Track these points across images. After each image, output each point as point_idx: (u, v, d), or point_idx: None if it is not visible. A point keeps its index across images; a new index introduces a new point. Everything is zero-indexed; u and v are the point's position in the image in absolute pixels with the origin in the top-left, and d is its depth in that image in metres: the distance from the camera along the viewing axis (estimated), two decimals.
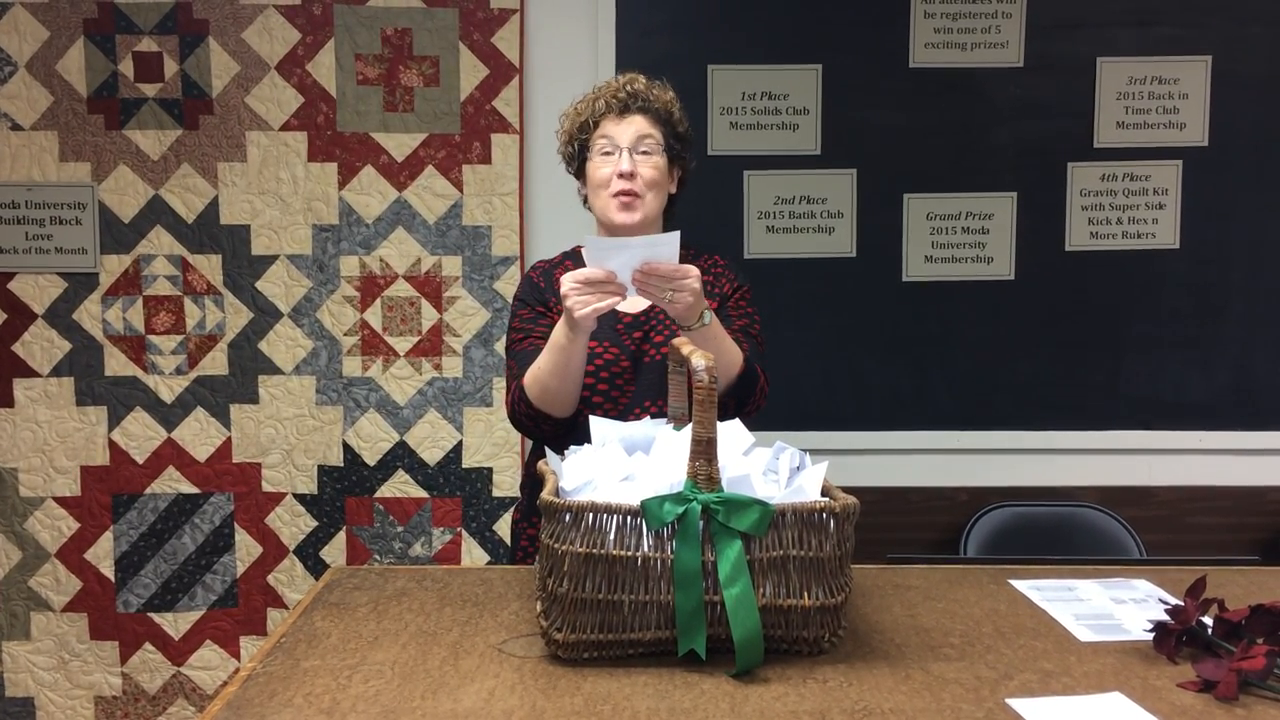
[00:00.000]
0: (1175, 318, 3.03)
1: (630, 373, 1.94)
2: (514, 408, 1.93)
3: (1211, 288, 3.02)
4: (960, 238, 3.01)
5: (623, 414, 1.89)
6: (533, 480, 2.02)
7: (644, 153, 1.94)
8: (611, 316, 1.92)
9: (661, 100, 1.99)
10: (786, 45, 2.95)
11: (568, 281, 1.72)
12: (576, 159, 2.02)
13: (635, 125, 1.95)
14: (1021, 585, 1.78)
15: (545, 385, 1.86)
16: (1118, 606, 1.67)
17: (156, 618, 2.99)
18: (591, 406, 1.89)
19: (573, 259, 2.07)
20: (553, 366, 1.84)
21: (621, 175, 1.92)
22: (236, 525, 2.98)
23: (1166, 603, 1.58)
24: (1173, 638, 1.46)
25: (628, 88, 1.97)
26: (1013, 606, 1.68)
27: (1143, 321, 3.03)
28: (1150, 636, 1.49)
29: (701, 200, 2.58)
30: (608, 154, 1.95)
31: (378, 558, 2.99)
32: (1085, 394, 3.04)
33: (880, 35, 2.96)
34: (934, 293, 3.02)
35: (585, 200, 2.04)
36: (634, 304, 1.99)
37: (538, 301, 2.02)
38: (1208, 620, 1.48)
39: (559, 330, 1.82)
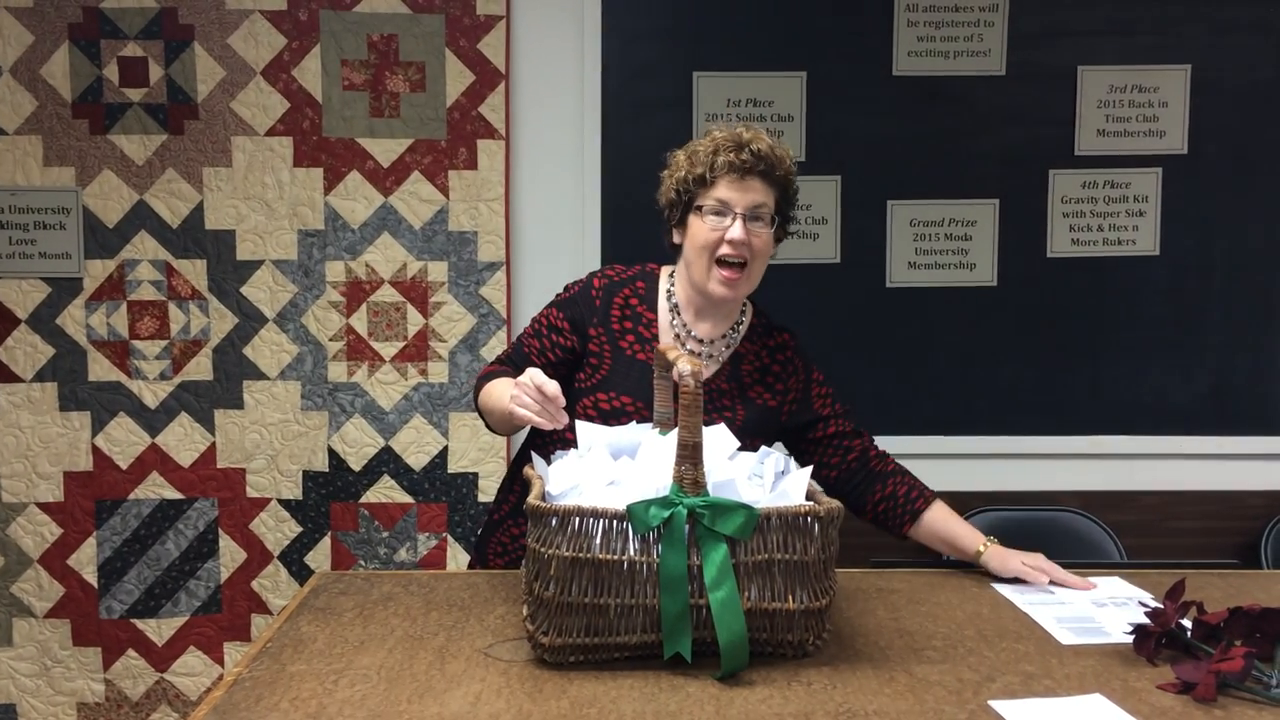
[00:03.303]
0: (1155, 323, 3.05)
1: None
2: (475, 390, 1.94)
3: (1191, 294, 3.05)
4: (943, 244, 3.03)
5: None
6: (513, 481, 2.03)
7: (756, 219, 1.81)
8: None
9: (783, 166, 1.84)
10: (771, 52, 2.97)
11: (530, 380, 1.61)
12: (680, 208, 1.87)
13: (753, 192, 1.80)
14: (1003, 589, 1.79)
15: (488, 418, 1.90)
16: (1098, 609, 1.69)
17: (140, 624, 2.97)
18: None
19: (644, 279, 1.95)
20: (494, 415, 1.84)
21: (731, 242, 1.80)
22: (221, 531, 2.97)
23: (1146, 606, 1.59)
24: (1152, 640, 1.48)
25: (752, 148, 1.80)
26: (995, 610, 1.69)
27: (1123, 327, 3.05)
28: (1130, 639, 1.50)
29: None
30: (719, 214, 1.81)
31: (363, 563, 2.99)
32: (1066, 399, 3.06)
33: (864, 43, 2.98)
34: (917, 299, 3.04)
35: (670, 245, 1.93)
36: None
37: (575, 317, 1.91)
38: (1187, 623, 1.50)
39: (505, 399, 1.69)
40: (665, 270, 1.97)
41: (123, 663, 2.97)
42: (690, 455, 1.39)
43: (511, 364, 1.93)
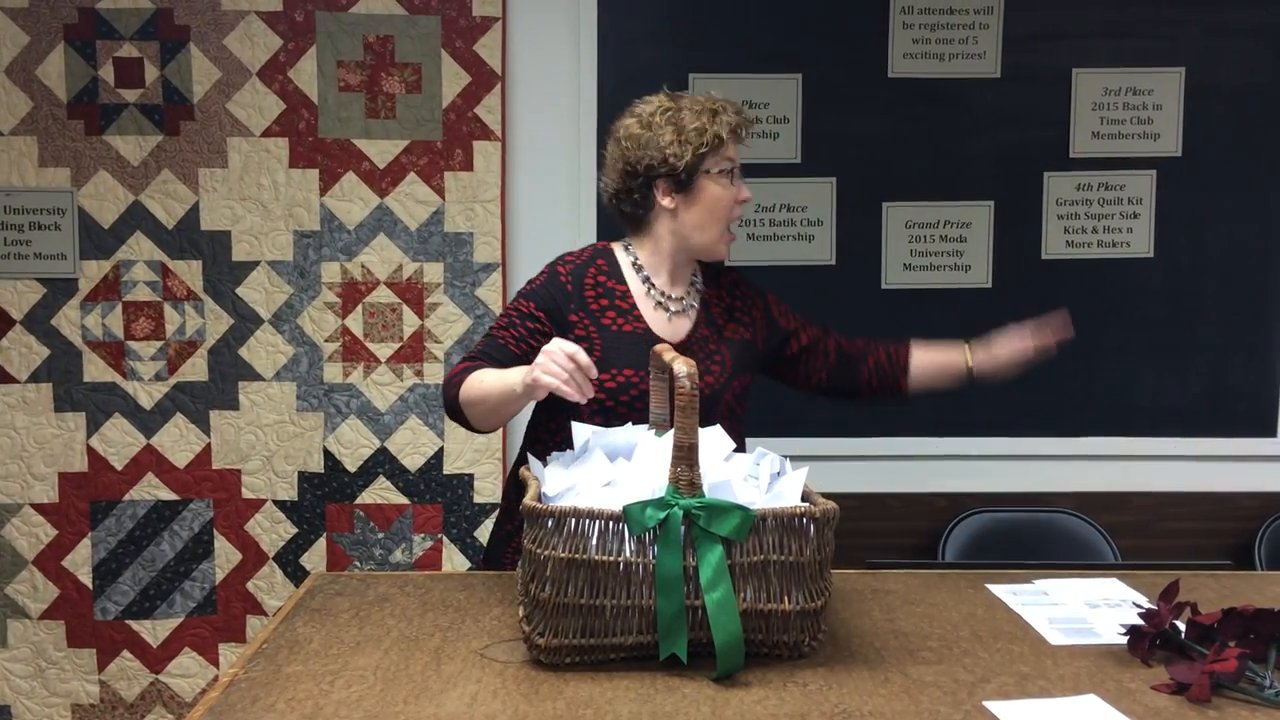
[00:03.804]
0: (1150, 325, 3.06)
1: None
2: (447, 389, 1.84)
3: (1185, 296, 3.06)
4: (938, 246, 3.03)
5: None
6: (516, 485, 2.03)
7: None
8: (648, 342, 1.83)
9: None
10: (767, 54, 2.98)
11: (559, 349, 1.59)
12: (691, 172, 1.88)
13: (737, 154, 1.93)
14: (998, 590, 1.80)
15: (475, 409, 1.78)
16: (1093, 610, 1.69)
17: (135, 625, 2.97)
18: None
19: (602, 256, 1.95)
20: (492, 405, 1.75)
21: (742, 202, 1.92)
22: (216, 532, 2.97)
23: (1141, 606, 1.60)
24: (1147, 641, 1.48)
25: (743, 113, 1.92)
26: (990, 611, 1.70)
27: (1118, 329, 3.06)
28: (1124, 640, 1.51)
29: None
30: (731, 176, 1.89)
31: (358, 564, 2.99)
32: (1061, 401, 3.07)
33: (859, 45, 2.98)
34: (912, 300, 3.04)
35: (646, 210, 1.92)
36: (674, 331, 1.93)
37: (550, 306, 1.88)
38: (1181, 624, 1.51)
39: (514, 379, 1.67)
40: (617, 245, 1.99)
41: (117, 664, 2.97)
42: (686, 456, 1.39)
43: (487, 358, 1.85)
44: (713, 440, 1.58)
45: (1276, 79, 3.02)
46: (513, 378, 1.68)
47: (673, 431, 1.41)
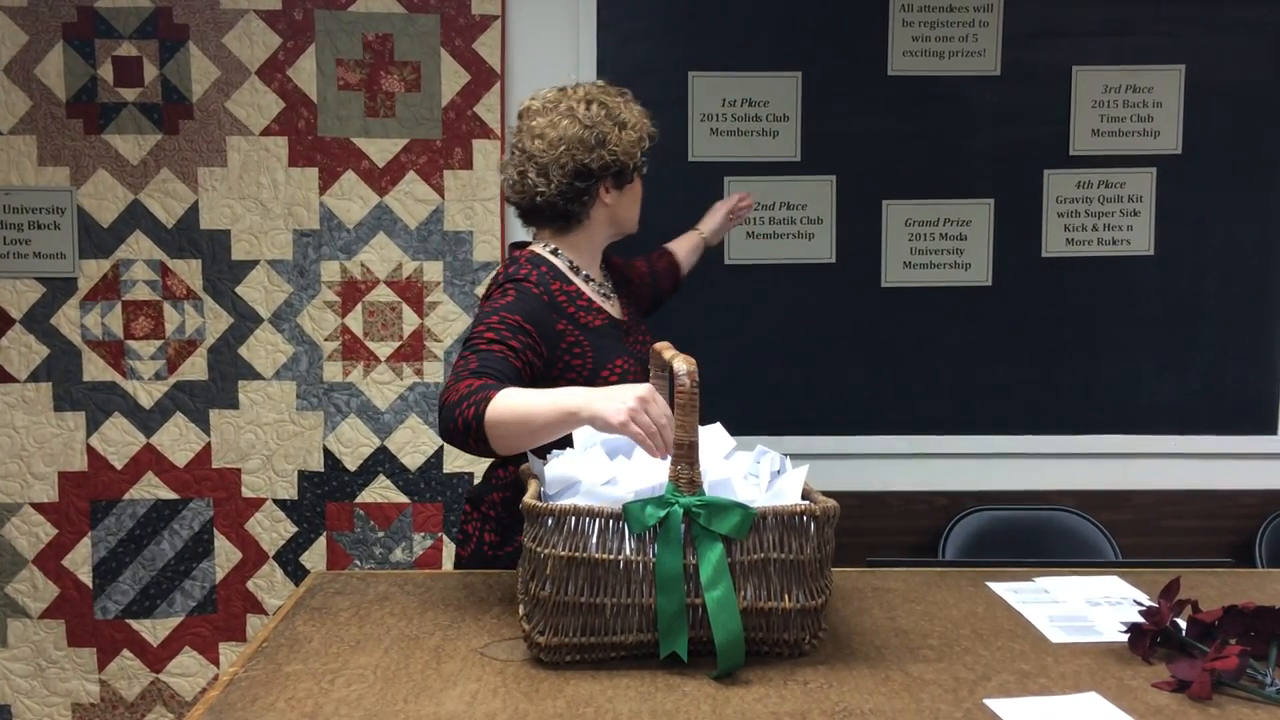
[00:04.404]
0: (1150, 323, 3.06)
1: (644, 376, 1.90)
2: (461, 408, 1.59)
3: (1185, 293, 3.06)
4: (938, 244, 3.03)
5: None
6: (509, 477, 2.03)
7: None
8: (616, 328, 1.96)
9: None
10: (766, 52, 2.97)
11: (655, 400, 1.48)
12: (635, 170, 1.98)
13: None
14: (999, 588, 1.80)
15: (507, 428, 1.56)
16: (1093, 609, 1.69)
17: (135, 624, 2.97)
18: None
19: (543, 264, 1.92)
20: (536, 427, 1.56)
21: None
22: (216, 531, 2.97)
23: (1141, 604, 1.60)
24: (1147, 638, 1.48)
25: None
26: (990, 609, 1.70)
27: (1118, 327, 3.06)
28: (1125, 637, 1.51)
29: (682, 206, 2.60)
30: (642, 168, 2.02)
31: (358, 563, 2.99)
32: (1061, 399, 3.07)
33: (859, 43, 2.98)
34: (912, 298, 3.04)
35: (588, 208, 1.94)
36: (622, 311, 2.02)
37: (538, 320, 1.81)
38: (1182, 621, 1.51)
39: (572, 402, 1.53)
40: (539, 249, 1.99)
41: (118, 663, 2.97)
42: (686, 455, 1.39)
43: (496, 374, 1.68)
44: (713, 438, 1.58)
45: (1276, 76, 3.02)
46: (570, 401, 1.53)
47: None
